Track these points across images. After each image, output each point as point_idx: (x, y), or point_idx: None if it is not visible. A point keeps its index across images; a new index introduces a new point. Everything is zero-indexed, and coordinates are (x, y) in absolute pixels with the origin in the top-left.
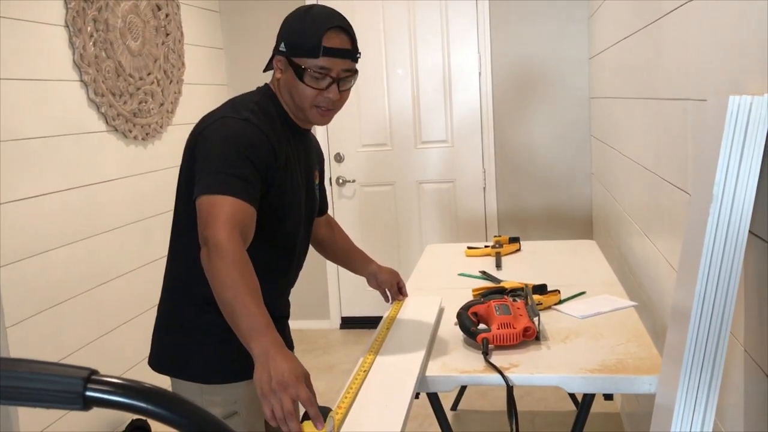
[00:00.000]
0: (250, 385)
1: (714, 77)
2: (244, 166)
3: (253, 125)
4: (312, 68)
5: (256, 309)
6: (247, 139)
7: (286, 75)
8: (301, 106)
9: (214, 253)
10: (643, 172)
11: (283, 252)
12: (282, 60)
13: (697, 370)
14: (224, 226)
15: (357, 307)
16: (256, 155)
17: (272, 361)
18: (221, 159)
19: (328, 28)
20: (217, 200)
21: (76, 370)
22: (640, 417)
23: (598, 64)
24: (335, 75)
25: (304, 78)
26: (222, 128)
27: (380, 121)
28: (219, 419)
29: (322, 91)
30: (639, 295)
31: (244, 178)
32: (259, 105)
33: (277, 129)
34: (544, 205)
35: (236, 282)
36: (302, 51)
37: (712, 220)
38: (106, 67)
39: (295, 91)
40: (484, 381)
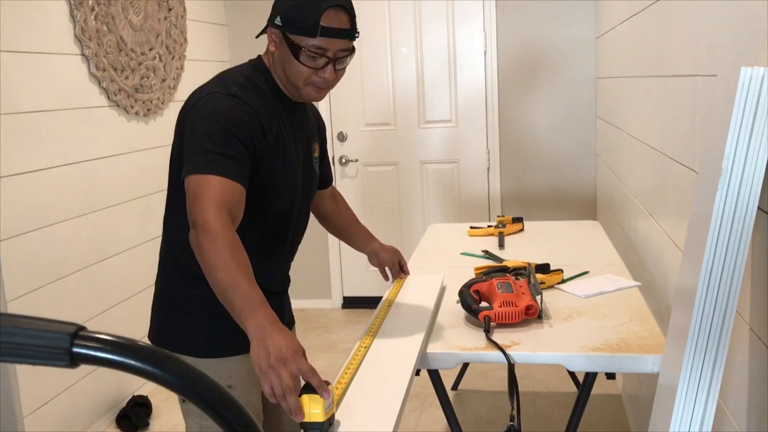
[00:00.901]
0: (246, 359)
1: (725, 51)
2: (232, 144)
3: (242, 101)
4: (308, 47)
5: (248, 287)
6: (235, 117)
7: (280, 50)
8: (294, 83)
9: (202, 234)
10: (650, 151)
11: (277, 229)
12: (276, 33)
13: (701, 349)
14: (212, 206)
15: (359, 286)
16: (244, 133)
17: (269, 337)
18: (208, 138)
19: (327, 6)
20: (204, 180)
21: (63, 326)
22: (641, 399)
23: (605, 43)
24: (332, 55)
25: (300, 57)
26: (209, 105)
27: (384, 100)
28: (211, 378)
29: (317, 70)
30: (643, 276)
31: (231, 157)
32: (248, 79)
33: (268, 104)
34: (548, 186)
35: (227, 262)
36: (299, 29)
37: (720, 195)
38: (107, 42)
39: (288, 67)
40: (485, 358)
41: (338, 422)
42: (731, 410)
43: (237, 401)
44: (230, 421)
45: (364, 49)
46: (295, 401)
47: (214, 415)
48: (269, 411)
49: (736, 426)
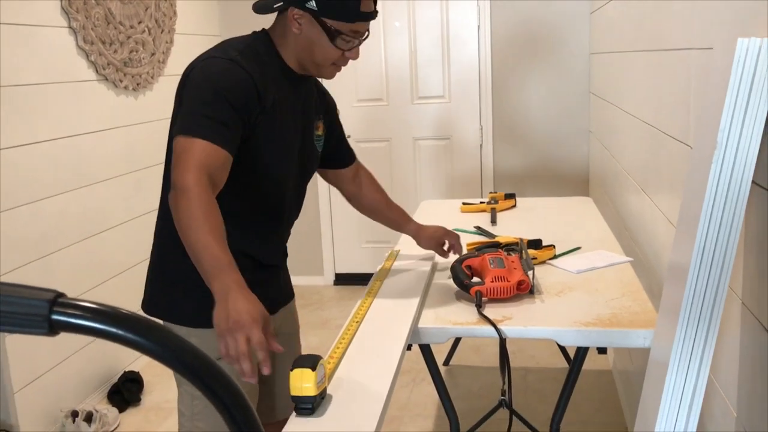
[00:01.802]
0: None
1: (720, 24)
2: (222, 108)
3: (238, 66)
4: (346, 32)
5: (218, 249)
6: (230, 80)
7: (310, 32)
8: (320, 63)
9: (180, 196)
10: (643, 126)
11: (271, 200)
12: (306, 17)
13: (693, 324)
14: (192, 169)
15: (351, 263)
16: (237, 97)
17: (231, 299)
18: (199, 100)
19: None
20: (190, 143)
21: (42, 292)
22: (631, 374)
23: (599, 18)
24: (362, 37)
25: (336, 41)
26: (206, 69)
27: (376, 75)
28: (195, 346)
29: (346, 51)
30: (635, 251)
31: (220, 121)
32: (249, 46)
33: (266, 72)
34: (541, 162)
35: (200, 224)
36: (339, 14)
37: (714, 169)
38: (95, 14)
39: (319, 49)
40: (477, 333)
41: (330, 396)
42: (722, 384)
43: (222, 369)
44: (215, 389)
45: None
46: (248, 365)
47: (199, 384)
48: (267, 385)
49: (726, 400)
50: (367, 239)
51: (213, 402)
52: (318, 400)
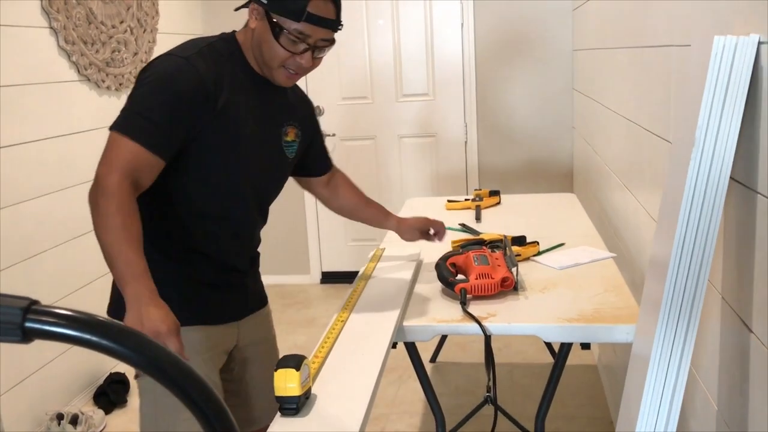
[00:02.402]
0: (199, 332)
1: (699, 21)
2: (163, 109)
3: (191, 65)
4: (290, 31)
5: (133, 255)
6: (177, 80)
7: (261, 27)
8: (268, 63)
9: (101, 194)
10: (625, 123)
11: (228, 203)
12: (259, 10)
13: (674, 318)
14: (118, 170)
15: (337, 261)
16: (182, 99)
17: (144, 307)
18: (141, 98)
19: None
20: (121, 141)
21: (15, 300)
22: (616, 369)
23: (582, 14)
24: (312, 42)
25: (280, 38)
26: (159, 66)
27: (361, 73)
28: (170, 351)
29: (294, 54)
30: (618, 247)
31: (157, 123)
32: (210, 45)
33: (223, 72)
34: (526, 159)
35: (117, 227)
36: (284, 10)
37: (693, 165)
38: (76, 14)
39: (266, 46)
40: (461, 330)
41: (315, 396)
42: (703, 377)
43: (197, 374)
44: (190, 394)
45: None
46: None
47: (174, 389)
48: (241, 395)
49: (707, 392)
50: (353, 237)
51: (189, 406)
52: (302, 399)
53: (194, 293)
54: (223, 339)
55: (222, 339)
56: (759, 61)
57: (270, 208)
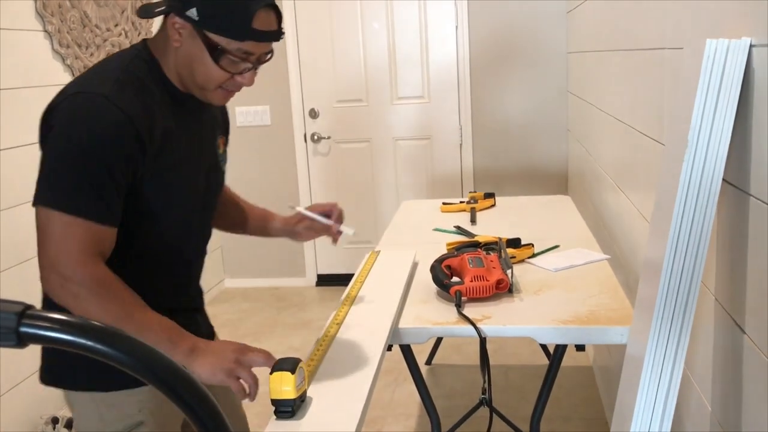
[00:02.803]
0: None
1: (691, 24)
2: (98, 170)
3: (112, 104)
4: (232, 52)
5: (154, 324)
6: (102, 129)
7: (190, 47)
8: (203, 85)
9: (78, 286)
10: (619, 125)
11: (178, 242)
12: (187, 28)
13: (667, 320)
14: (80, 255)
15: (333, 264)
16: (114, 151)
17: (207, 351)
18: (70, 160)
19: (260, 6)
20: (68, 222)
21: (10, 305)
22: (611, 370)
23: (576, 17)
24: (255, 60)
25: (221, 61)
26: (73, 111)
27: (355, 76)
28: (167, 357)
29: (235, 75)
30: (612, 249)
31: (98, 188)
32: (126, 71)
33: (149, 101)
34: (520, 162)
35: (120, 316)
36: (224, 30)
37: (686, 168)
38: (70, 17)
39: (200, 68)
40: (456, 333)
41: (310, 399)
42: (697, 378)
43: (192, 378)
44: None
45: (336, 24)
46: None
47: (168, 392)
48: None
49: (701, 393)
50: (348, 240)
51: (184, 410)
52: (298, 403)
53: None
54: None
55: None
56: (750, 64)
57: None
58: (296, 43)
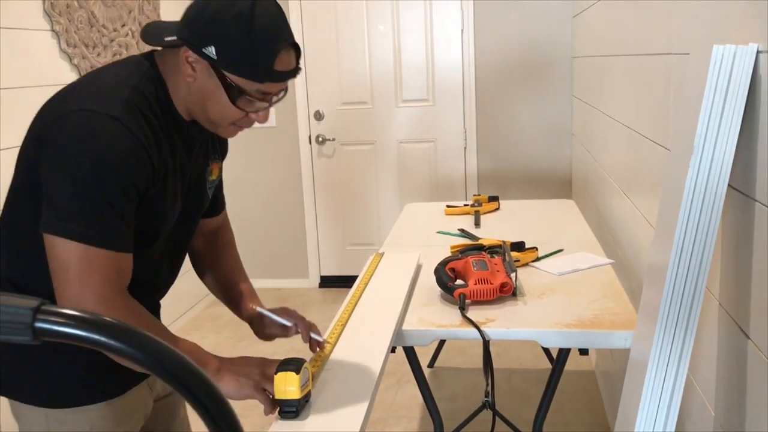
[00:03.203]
0: (109, 407)
1: (698, 29)
2: (115, 196)
3: (124, 127)
4: (251, 93)
5: (184, 348)
6: (118, 155)
7: (205, 84)
8: (216, 122)
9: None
10: (624, 130)
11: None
12: (203, 64)
13: (671, 325)
14: (105, 291)
15: (336, 266)
16: (129, 177)
17: (232, 368)
18: (87, 186)
19: (281, 48)
20: (90, 254)
21: (25, 301)
22: (614, 374)
23: (581, 22)
24: (272, 99)
25: (238, 101)
26: (84, 131)
27: (360, 78)
28: (179, 352)
29: (250, 113)
30: (616, 253)
31: (118, 217)
32: (135, 91)
33: (155, 125)
34: (524, 165)
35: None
36: (244, 71)
37: (691, 174)
38: (78, 17)
39: (215, 106)
40: (460, 335)
41: (314, 400)
42: (700, 383)
43: (203, 374)
44: (197, 394)
45: (341, 27)
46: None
47: (181, 389)
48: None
49: (704, 398)
50: (351, 242)
51: (194, 406)
52: (302, 403)
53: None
54: (140, 403)
55: (138, 403)
56: (757, 70)
57: (269, 212)
58: (302, 45)
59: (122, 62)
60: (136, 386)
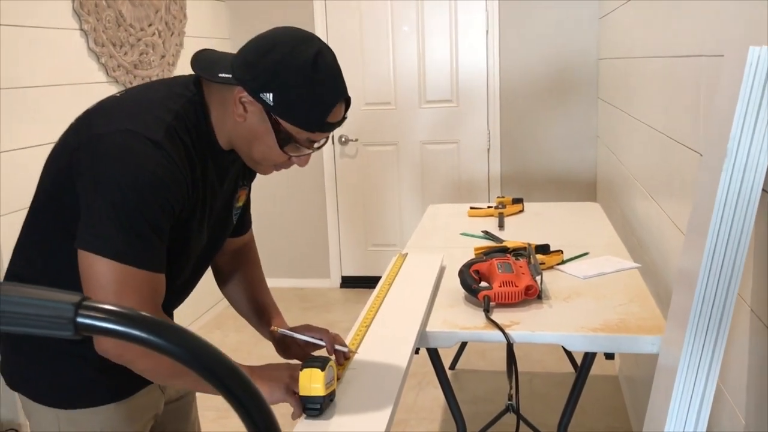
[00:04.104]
0: (120, 407)
1: (732, 30)
2: (155, 220)
3: (167, 154)
4: (300, 140)
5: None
6: (160, 181)
7: (256, 126)
8: (259, 162)
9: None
10: (652, 133)
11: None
12: (257, 107)
13: (702, 331)
14: (146, 310)
15: (357, 266)
16: (169, 202)
17: (263, 373)
18: (127, 209)
19: (337, 102)
20: (130, 274)
21: (67, 296)
22: (638, 380)
23: (608, 23)
24: (318, 145)
25: (286, 147)
26: (126, 153)
27: (384, 79)
28: (217, 349)
29: (293, 157)
30: (642, 257)
31: (156, 239)
32: (177, 117)
33: (192, 150)
34: (548, 167)
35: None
36: (297, 119)
37: (724, 178)
38: (106, 17)
39: (261, 147)
40: (484, 338)
41: (339, 399)
42: (730, 391)
43: (242, 372)
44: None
45: (366, 27)
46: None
47: (219, 385)
48: None
49: (734, 406)
50: (373, 242)
51: (233, 404)
52: (327, 401)
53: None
54: (151, 404)
55: (149, 404)
56: None
57: (291, 212)
58: None
59: (169, 82)
60: (147, 387)
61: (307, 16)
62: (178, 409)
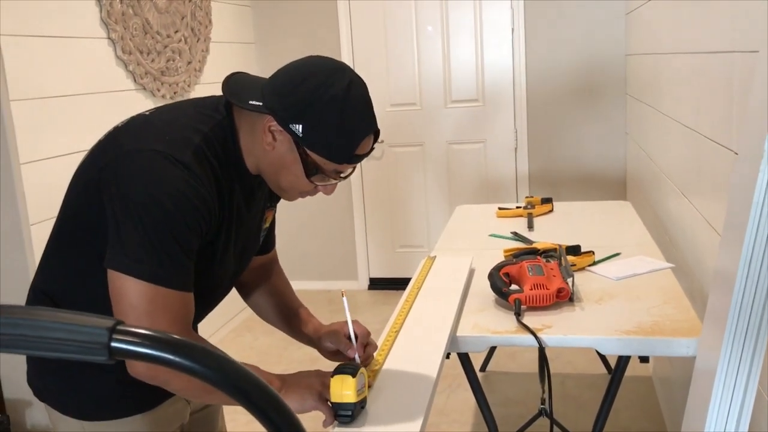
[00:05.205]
0: (146, 419)
1: (766, 26)
2: (183, 240)
3: (194, 176)
4: (328, 171)
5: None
6: (189, 199)
7: (284, 155)
8: (284, 189)
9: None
10: (683, 130)
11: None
12: (286, 137)
13: (741, 333)
14: (175, 331)
15: (385, 268)
16: (198, 219)
17: (294, 383)
18: (153, 230)
19: (366, 135)
20: (161, 295)
21: (101, 321)
22: (673, 381)
23: (636, 18)
24: (345, 175)
25: (314, 177)
26: (155, 173)
27: (409, 79)
28: (252, 372)
29: (319, 186)
30: (675, 257)
31: (186, 258)
32: (206, 139)
33: (219, 173)
34: (577, 166)
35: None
36: (326, 151)
37: (762, 177)
38: (133, 25)
39: (289, 176)
40: (516, 342)
41: (370, 406)
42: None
43: (277, 396)
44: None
45: (390, 28)
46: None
47: (256, 412)
48: None
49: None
50: (401, 244)
51: (267, 426)
52: (358, 408)
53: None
54: (176, 415)
55: (175, 415)
56: None
57: (318, 214)
58: (350, 47)
59: (198, 102)
60: (172, 397)
61: (331, 18)
62: (204, 418)
